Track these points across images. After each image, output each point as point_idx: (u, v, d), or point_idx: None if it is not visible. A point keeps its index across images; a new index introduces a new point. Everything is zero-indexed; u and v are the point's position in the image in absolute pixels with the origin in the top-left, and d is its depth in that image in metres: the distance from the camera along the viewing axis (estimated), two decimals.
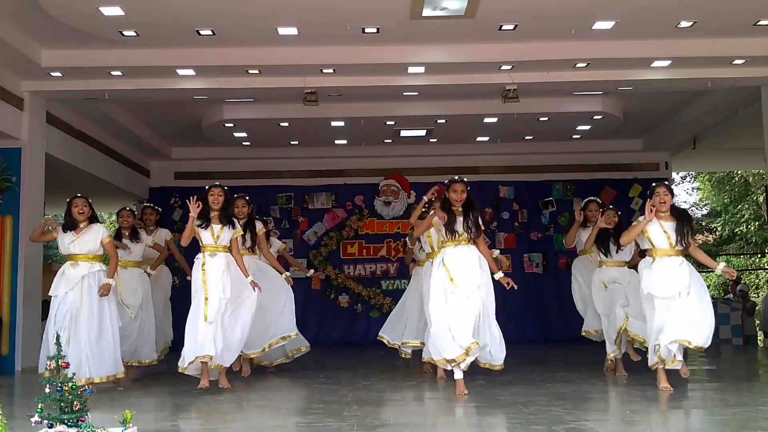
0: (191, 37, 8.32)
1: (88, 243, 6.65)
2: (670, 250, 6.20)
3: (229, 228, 6.83)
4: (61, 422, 4.02)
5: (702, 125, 12.07)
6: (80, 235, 6.66)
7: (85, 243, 6.65)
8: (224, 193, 6.89)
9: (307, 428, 4.72)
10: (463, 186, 6.45)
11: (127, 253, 7.55)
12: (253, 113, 11.24)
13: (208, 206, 6.83)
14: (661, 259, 6.20)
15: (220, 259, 6.73)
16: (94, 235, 6.67)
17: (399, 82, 9.64)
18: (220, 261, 6.72)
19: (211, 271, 6.67)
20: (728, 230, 21.91)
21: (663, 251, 6.21)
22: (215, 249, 6.75)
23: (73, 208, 6.71)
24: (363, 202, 13.73)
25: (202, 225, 6.75)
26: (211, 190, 6.86)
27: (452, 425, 5.08)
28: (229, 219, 6.88)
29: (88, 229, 6.70)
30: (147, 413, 5.48)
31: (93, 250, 6.68)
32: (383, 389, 6.62)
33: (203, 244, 6.80)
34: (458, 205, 6.41)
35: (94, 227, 6.73)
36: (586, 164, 13.67)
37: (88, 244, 6.65)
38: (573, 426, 4.54)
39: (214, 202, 6.82)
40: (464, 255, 6.34)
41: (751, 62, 9.06)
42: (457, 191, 6.41)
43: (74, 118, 10.89)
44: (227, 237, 6.81)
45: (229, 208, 7.03)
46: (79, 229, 6.69)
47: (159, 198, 13.53)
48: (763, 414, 4.93)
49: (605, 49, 8.79)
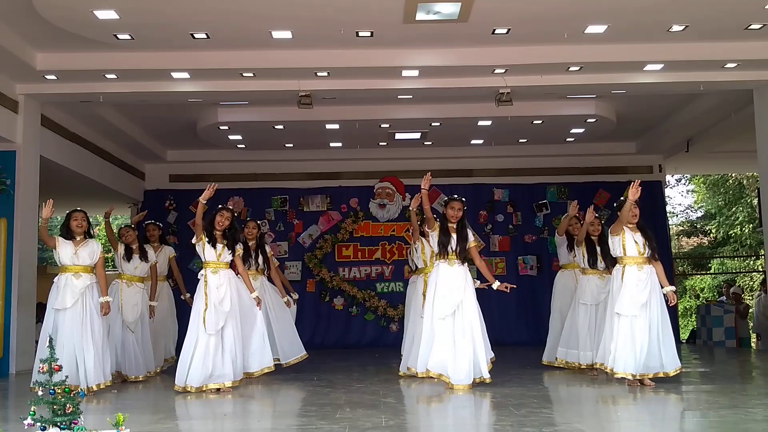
0: (186, 41, 8.34)
1: (87, 257, 6.81)
2: (638, 257, 6.74)
3: (228, 248, 6.97)
4: (53, 425, 4.03)
5: (695, 128, 12.13)
6: (79, 248, 6.81)
7: (85, 256, 6.80)
8: (232, 218, 7.05)
9: (299, 431, 4.73)
10: (461, 204, 6.89)
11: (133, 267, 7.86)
12: (248, 116, 11.26)
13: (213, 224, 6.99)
14: (630, 268, 6.72)
15: (221, 275, 6.89)
16: (90, 251, 6.84)
17: (393, 85, 9.67)
18: (221, 277, 6.87)
19: (211, 284, 6.81)
20: (723, 233, 21.97)
21: (632, 258, 6.74)
22: (217, 266, 6.90)
23: (72, 222, 6.87)
24: (358, 205, 13.76)
25: (209, 241, 6.92)
26: (221, 212, 7.03)
27: (445, 428, 5.10)
28: (233, 240, 6.99)
29: (85, 243, 6.86)
30: (142, 415, 5.49)
31: (91, 264, 6.85)
32: (376, 391, 6.64)
33: (206, 261, 6.94)
34: (454, 222, 6.79)
35: (90, 243, 6.91)
36: (580, 167, 13.72)
37: (87, 258, 6.81)
38: (563, 428, 4.57)
39: (219, 223, 6.97)
40: (452, 275, 6.77)
41: (743, 66, 9.11)
42: (454, 209, 6.83)
43: (69, 120, 10.90)
44: (228, 255, 6.96)
45: (232, 230, 7.08)
46: (77, 242, 6.84)
47: (154, 201, 13.58)
48: (753, 416, 4.96)
49: (598, 53, 8.84)
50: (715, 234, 22.67)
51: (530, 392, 6.29)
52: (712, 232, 23.02)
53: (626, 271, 6.71)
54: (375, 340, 13.24)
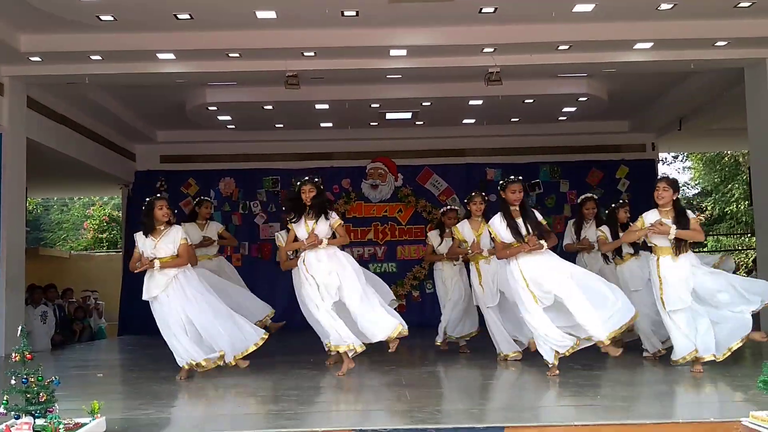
0: (169, 21, 8.25)
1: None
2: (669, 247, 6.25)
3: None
4: (27, 413, 4.03)
5: (687, 107, 12.05)
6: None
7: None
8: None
9: (276, 417, 4.73)
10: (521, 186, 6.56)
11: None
12: (237, 96, 11.18)
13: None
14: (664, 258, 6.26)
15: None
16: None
17: (381, 65, 9.59)
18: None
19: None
20: (719, 209, 21.96)
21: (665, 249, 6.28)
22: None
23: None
24: (350, 185, 13.71)
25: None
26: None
27: (422, 410, 5.09)
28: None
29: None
30: (120, 401, 5.49)
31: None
32: (362, 373, 6.63)
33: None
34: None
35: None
36: (573, 146, 13.65)
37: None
38: (540, 412, 4.57)
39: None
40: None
41: (734, 44, 9.03)
42: (515, 191, 6.49)
43: (56, 102, 10.82)
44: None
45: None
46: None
47: (145, 182, 13.54)
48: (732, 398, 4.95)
49: (587, 32, 8.74)
50: (711, 211, 22.65)
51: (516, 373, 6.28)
52: (708, 208, 23.00)
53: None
54: None
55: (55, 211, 25.14)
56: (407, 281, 13.45)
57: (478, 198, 7.91)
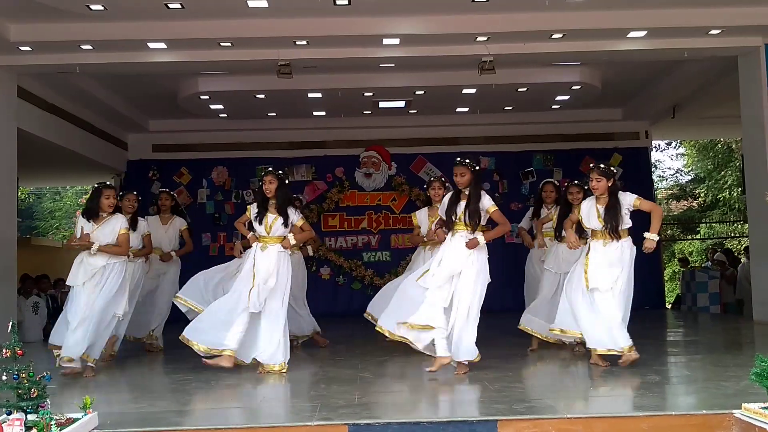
0: (160, 10, 8.18)
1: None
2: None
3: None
4: (18, 409, 4.01)
5: (681, 95, 12.05)
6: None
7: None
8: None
9: (267, 408, 4.72)
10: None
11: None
12: (229, 85, 11.13)
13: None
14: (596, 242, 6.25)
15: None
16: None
17: (374, 54, 9.54)
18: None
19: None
20: (711, 196, 22.01)
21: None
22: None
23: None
24: (344, 174, 13.68)
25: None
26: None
27: (414, 402, 5.10)
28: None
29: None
30: (114, 394, 5.48)
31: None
32: (354, 365, 6.63)
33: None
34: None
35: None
36: (567, 134, 13.63)
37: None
38: (533, 404, 4.58)
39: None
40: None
41: (727, 32, 9.01)
42: (456, 175, 6.59)
43: (48, 92, 10.75)
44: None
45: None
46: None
47: (137, 171, 13.49)
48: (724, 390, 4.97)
49: (580, 20, 8.71)
50: (704, 197, 22.70)
51: (507, 364, 6.30)
52: (700, 195, 23.05)
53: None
54: (362, 309, 13.15)
55: (47, 199, 25.05)
56: (401, 270, 13.42)
57: (436, 183, 7.58)
